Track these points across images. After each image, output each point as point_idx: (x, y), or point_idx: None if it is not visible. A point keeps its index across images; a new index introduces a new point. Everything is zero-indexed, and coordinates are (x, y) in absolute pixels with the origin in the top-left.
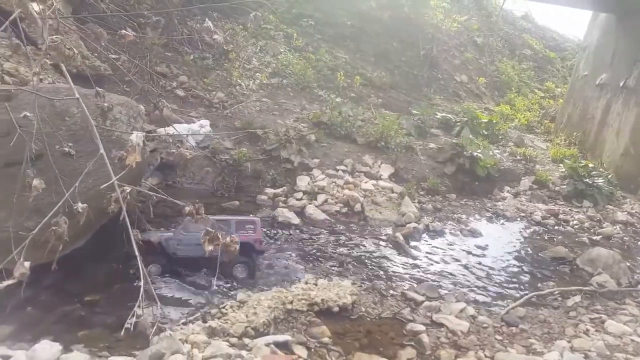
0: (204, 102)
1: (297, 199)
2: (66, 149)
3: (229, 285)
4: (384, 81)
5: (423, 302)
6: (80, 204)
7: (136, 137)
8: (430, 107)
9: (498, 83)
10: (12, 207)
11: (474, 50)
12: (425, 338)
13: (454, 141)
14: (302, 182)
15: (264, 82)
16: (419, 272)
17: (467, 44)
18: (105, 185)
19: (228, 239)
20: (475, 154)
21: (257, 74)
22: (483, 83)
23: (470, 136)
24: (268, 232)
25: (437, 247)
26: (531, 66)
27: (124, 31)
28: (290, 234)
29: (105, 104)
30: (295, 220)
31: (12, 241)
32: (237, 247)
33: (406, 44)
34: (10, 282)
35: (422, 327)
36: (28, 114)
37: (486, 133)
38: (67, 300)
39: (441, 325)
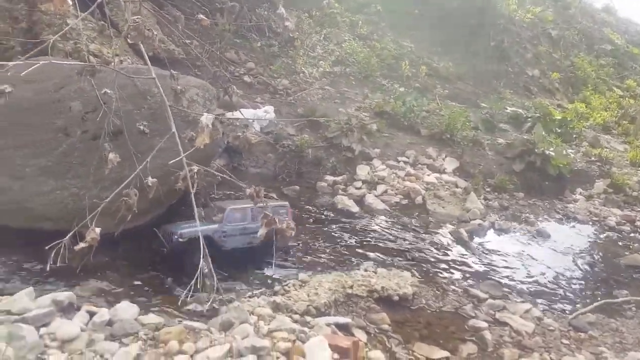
0: (269, 89)
1: (357, 188)
2: (141, 127)
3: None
4: (450, 72)
5: (486, 299)
6: (150, 178)
7: (206, 118)
8: (500, 100)
9: (573, 79)
10: (95, 177)
11: (547, 43)
12: (487, 335)
13: (525, 137)
14: (362, 171)
15: (327, 70)
16: (482, 269)
17: (540, 36)
18: (172, 161)
19: (284, 224)
20: (547, 152)
21: (321, 61)
22: (556, 78)
23: (543, 133)
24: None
25: (503, 246)
26: (610, 62)
27: (201, 15)
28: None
29: (179, 87)
30: (355, 208)
31: (88, 209)
32: (293, 232)
33: (476, 35)
34: (82, 245)
35: (484, 324)
36: (108, 91)
37: (559, 131)
38: (142, 267)
39: (505, 324)
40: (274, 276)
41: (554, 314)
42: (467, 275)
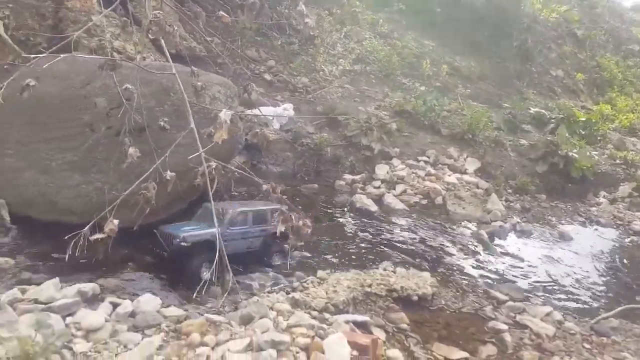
0: (289, 87)
1: (375, 187)
2: (161, 123)
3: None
4: (472, 71)
5: (506, 301)
6: (169, 172)
7: (224, 114)
8: (522, 101)
9: (598, 80)
10: (118, 172)
11: (572, 43)
12: (507, 337)
13: (548, 139)
14: (381, 170)
15: (347, 68)
16: (503, 271)
17: (565, 36)
18: (191, 156)
19: (301, 222)
20: (570, 154)
21: (341, 59)
22: (581, 79)
23: (567, 135)
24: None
25: (524, 248)
26: (638, 63)
27: (221, 12)
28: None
29: (199, 83)
30: (373, 207)
31: (109, 203)
32: (309, 230)
33: (499, 34)
34: (98, 236)
35: (504, 326)
36: (130, 87)
37: (583, 133)
38: (162, 261)
39: (525, 326)
40: (280, 277)
41: (575, 317)
42: (487, 276)
